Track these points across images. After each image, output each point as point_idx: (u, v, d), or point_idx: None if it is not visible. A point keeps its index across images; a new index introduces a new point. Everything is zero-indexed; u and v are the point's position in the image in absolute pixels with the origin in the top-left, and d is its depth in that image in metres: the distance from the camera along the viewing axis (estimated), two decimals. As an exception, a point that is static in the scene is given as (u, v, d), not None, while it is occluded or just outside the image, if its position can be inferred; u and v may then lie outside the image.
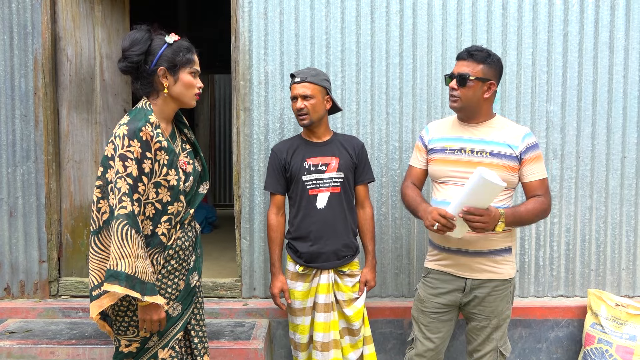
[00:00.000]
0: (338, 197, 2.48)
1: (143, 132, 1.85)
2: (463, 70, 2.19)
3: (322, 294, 2.49)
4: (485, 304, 2.26)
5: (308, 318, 2.53)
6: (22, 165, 3.11)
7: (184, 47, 1.95)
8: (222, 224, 6.18)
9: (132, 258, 1.76)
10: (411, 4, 3.02)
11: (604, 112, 3.05)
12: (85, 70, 3.38)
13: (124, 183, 1.79)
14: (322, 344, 2.47)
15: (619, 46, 3.03)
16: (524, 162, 2.21)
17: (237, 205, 3.13)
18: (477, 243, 2.21)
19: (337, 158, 2.49)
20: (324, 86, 2.47)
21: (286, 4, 3.03)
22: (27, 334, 2.81)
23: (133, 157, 1.82)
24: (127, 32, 3.77)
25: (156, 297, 1.82)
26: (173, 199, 1.94)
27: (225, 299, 3.15)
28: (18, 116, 3.10)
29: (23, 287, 3.15)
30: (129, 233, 1.76)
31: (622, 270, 3.11)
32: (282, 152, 2.53)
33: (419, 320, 2.39)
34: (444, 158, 2.29)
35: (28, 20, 3.07)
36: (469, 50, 2.22)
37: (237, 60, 3.06)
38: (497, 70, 2.23)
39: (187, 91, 1.97)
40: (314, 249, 2.46)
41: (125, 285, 1.74)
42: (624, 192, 3.07)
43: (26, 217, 3.13)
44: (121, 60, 1.91)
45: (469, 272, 2.26)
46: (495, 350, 2.31)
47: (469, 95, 2.20)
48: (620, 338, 2.77)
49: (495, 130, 2.25)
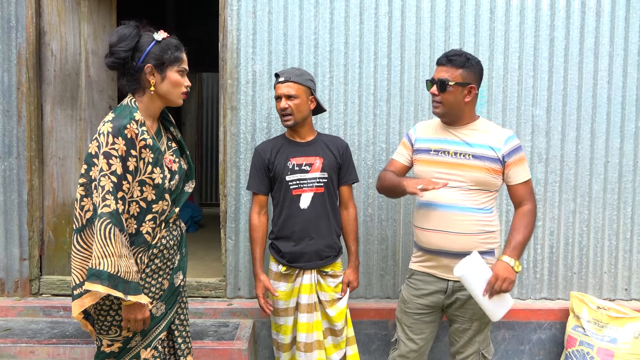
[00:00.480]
0: (321, 197, 2.48)
1: (128, 130, 1.82)
2: (442, 76, 2.21)
3: (304, 294, 2.48)
4: (468, 306, 2.27)
5: (291, 318, 2.52)
6: (3, 161, 3.06)
7: (172, 45, 1.93)
8: (208, 223, 6.14)
9: (115, 257, 1.73)
10: (400, 6, 3.03)
11: (588, 117, 3.09)
12: (70, 66, 3.34)
13: (108, 181, 1.77)
14: (305, 344, 2.47)
15: (604, 52, 3.07)
16: (508, 166, 2.23)
17: (222, 205, 3.11)
18: (456, 244, 2.22)
19: (321, 158, 2.49)
20: (308, 86, 2.46)
21: (275, 3, 3.02)
22: (6, 333, 2.76)
23: (117, 155, 1.79)
24: (114, 29, 3.74)
25: (140, 297, 1.80)
26: (158, 197, 1.92)
27: (210, 299, 3.13)
28: (0, 111, 3.04)
29: (3, 285, 3.10)
30: (112, 232, 1.73)
31: (604, 274, 3.15)
32: (266, 151, 2.52)
33: (403, 321, 2.40)
34: (428, 159, 2.31)
35: (12, 13, 3.02)
36: (447, 55, 2.24)
37: (225, 59, 3.04)
38: (477, 73, 2.25)
39: (174, 89, 1.95)
40: (297, 249, 2.46)
41: (107, 285, 1.72)
42: (607, 196, 3.11)
43: (7, 214, 3.07)
44: (108, 56, 1.88)
45: (451, 274, 2.26)
46: (477, 353, 2.33)
47: (450, 100, 2.21)
48: (601, 340, 2.80)
49: (478, 132, 2.27)
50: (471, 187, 2.22)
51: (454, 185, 2.23)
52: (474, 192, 2.23)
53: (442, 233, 2.23)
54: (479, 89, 2.27)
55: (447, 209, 2.23)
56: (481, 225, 2.23)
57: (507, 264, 2.14)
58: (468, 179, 2.21)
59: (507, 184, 2.28)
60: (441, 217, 2.23)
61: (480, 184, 2.22)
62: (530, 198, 2.26)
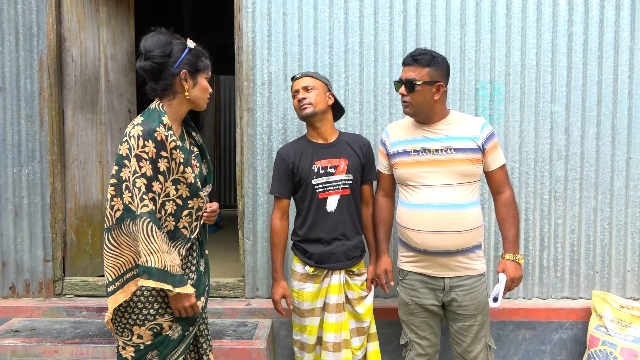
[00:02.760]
0: (347, 199, 2.46)
1: (157, 133, 1.88)
2: (410, 76, 2.21)
3: (333, 295, 2.47)
4: (468, 300, 2.27)
5: (317, 319, 2.50)
6: (27, 165, 3.13)
7: (203, 53, 2.02)
8: (227, 224, 6.19)
9: (160, 253, 1.83)
10: (414, 4, 3.02)
11: (608, 113, 3.03)
12: (90, 71, 3.40)
13: (142, 182, 1.84)
14: (333, 344, 2.45)
15: (624, 46, 3.01)
16: (487, 152, 2.27)
17: (240, 206, 3.13)
18: (454, 242, 2.23)
19: (345, 160, 2.46)
20: (325, 82, 2.47)
21: (289, 4, 3.03)
22: (31, 333, 2.83)
23: (147, 158, 1.86)
24: (132, 34, 3.81)
25: (186, 287, 1.89)
26: (192, 194, 1.99)
27: (229, 299, 3.16)
28: (23, 116, 3.12)
29: (28, 286, 3.18)
30: (153, 230, 1.82)
31: (627, 272, 3.09)
32: (289, 155, 2.47)
33: (410, 323, 2.40)
34: (409, 160, 2.29)
35: (34, 21, 3.10)
36: (412, 55, 2.24)
37: (241, 61, 3.07)
38: (444, 70, 2.25)
39: (203, 95, 2.04)
40: (326, 250, 2.44)
41: (157, 279, 1.81)
42: (629, 194, 3.05)
43: (31, 217, 3.15)
44: (142, 60, 1.94)
45: (446, 272, 2.28)
46: (485, 347, 2.33)
47: (420, 100, 2.22)
48: (624, 340, 2.75)
49: (454, 125, 2.27)
50: (458, 181, 2.23)
51: (441, 182, 2.23)
52: (461, 186, 2.24)
53: (439, 234, 2.22)
54: (447, 86, 2.28)
55: (441, 208, 2.22)
56: (474, 220, 2.25)
57: (514, 261, 2.27)
58: (453, 173, 2.22)
59: (485, 170, 2.31)
60: (436, 217, 2.22)
61: (466, 175, 2.23)
62: (507, 183, 2.34)
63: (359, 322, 2.53)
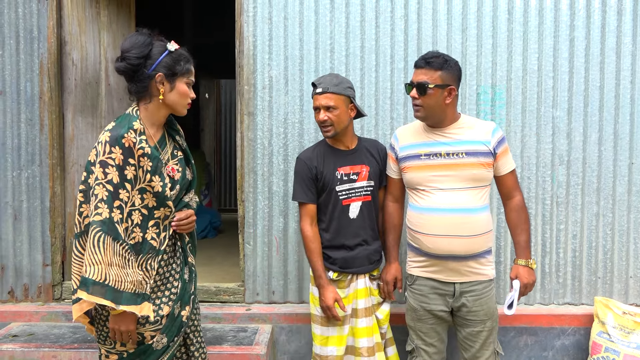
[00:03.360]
0: (369, 205, 2.45)
1: (125, 139, 1.82)
2: (421, 79, 2.20)
3: (362, 299, 2.44)
4: (477, 306, 2.26)
5: (346, 327, 2.44)
6: (27, 169, 3.12)
7: (184, 57, 1.95)
8: (227, 229, 6.16)
9: (103, 265, 1.73)
10: (416, 9, 3.02)
11: (610, 118, 3.02)
12: (91, 75, 3.40)
13: (102, 190, 1.78)
14: (367, 348, 2.41)
15: (626, 51, 3.00)
16: (498, 156, 2.26)
17: (240, 210, 3.12)
18: (465, 247, 2.22)
19: (367, 166, 2.44)
20: (348, 95, 2.37)
21: (291, 8, 3.03)
22: (29, 338, 2.81)
23: (114, 164, 1.80)
24: (132, 37, 3.79)
25: (134, 307, 1.78)
26: (159, 204, 1.91)
27: (229, 304, 3.14)
28: (23, 120, 3.11)
29: (27, 290, 3.16)
30: (102, 240, 1.74)
31: (630, 278, 3.07)
32: (312, 160, 2.42)
33: (417, 329, 2.38)
34: (420, 164, 2.28)
35: (34, 25, 3.09)
36: (425, 57, 2.23)
37: (242, 65, 3.06)
38: (456, 74, 2.24)
39: (181, 100, 1.96)
40: (350, 255, 2.42)
41: (91, 292, 1.71)
42: (632, 199, 3.04)
43: (30, 221, 3.13)
44: (119, 60, 1.90)
45: (457, 277, 2.27)
46: (494, 353, 2.32)
47: (431, 104, 2.20)
48: (627, 347, 2.73)
49: (465, 129, 2.26)
50: (469, 185, 2.22)
51: (452, 186, 2.22)
52: (472, 190, 2.23)
53: (450, 238, 2.21)
54: (458, 90, 2.27)
55: (452, 212, 2.21)
56: (485, 225, 2.25)
57: (527, 267, 2.27)
58: (465, 177, 2.22)
59: (496, 175, 2.31)
60: (448, 221, 2.21)
61: (477, 180, 2.23)
62: (518, 187, 2.34)
63: (380, 327, 2.51)
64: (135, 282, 1.80)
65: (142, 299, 1.82)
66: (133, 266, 1.82)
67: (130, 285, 1.79)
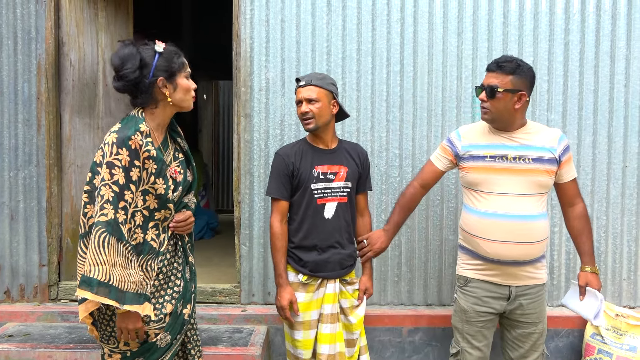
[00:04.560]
0: (345, 207, 2.43)
1: (132, 141, 1.83)
2: (492, 82, 2.19)
3: (328, 304, 2.42)
4: (531, 309, 2.28)
5: (313, 332, 2.42)
6: (24, 169, 3.13)
7: (174, 53, 1.94)
8: (224, 230, 6.17)
9: (108, 265, 1.74)
10: (412, 12, 3.04)
11: (605, 122, 3.05)
12: (88, 76, 3.41)
13: (109, 191, 1.78)
14: (328, 356, 2.39)
15: (620, 55, 3.03)
16: (562, 164, 2.26)
17: (236, 211, 3.13)
18: (524, 252, 2.23)
19: (345, 167, 2.42)
20: (330, 90, 2.36)
21: (288, 11, 3.05)
22: (25, 338, 2.82)
23: (121, 165, 1.81)
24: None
25: (137, 307, 1.79)
26: (160, 206, 1.92)
27: (224, 305, 3.15)
28: (21, 120, 3.12)
29: (23, 290, 3.16)
30: (107, 240, 1.75)
31: (623, 281, 3.09)
32: (290, 156, 2.39)
33: (465, 331, 2.36)
34: (485, 166, 2.26)
35: (32, 25, 3.10)
36: (497, 61, 2.22)
37: (239, 67, 3.08)
38: (528, 80, 2.21)
39: (186, 95, 1.97)
40: (321, 258, 2.39)
41: (96, 292, 1.73)
42: (625, 202, 3.06)
43: (27, 221, 3.14)
44: (116, 80, 1.88)
45: (513, 280, 2.27)
46: (542, 355, 2.34)
47: (500, 107, 2.19)
48: (620, 349, 2.74)
49: (532, 135, 2.26)
50: (531, 191, 2.22)
51: (514, 192, 2.21)
52: (534, 197, 2.23)
53: (511, 244, 2.21)
54: (529, 96, 2.24)
55: (514, 218, 2.20)
56: (544, 231, 2.27)
57: (594, 273, 2.34)
58: (529, 183, 2.21)
59: (558, 182, 2.30)
60: (509, 227, 2.20)
61: (540, 186, 2.23)
62: (579, 195, 2.35)
63: (350, 334, 2.48)
64: (137, 283, 1.82)
65: (143, 299, 1.84)
66: (135, 267, 1.83)
67: (133, 285, 1.80)
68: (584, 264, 2.34)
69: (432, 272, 3.10)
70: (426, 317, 3.01)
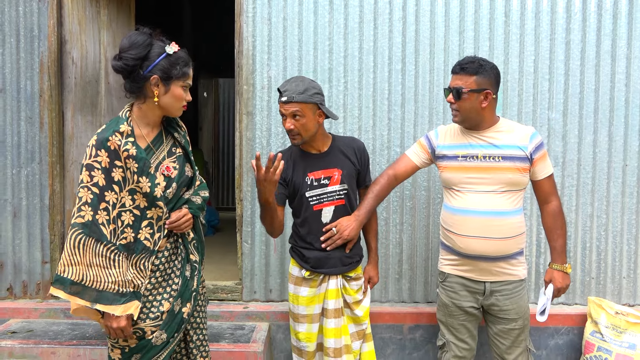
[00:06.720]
0: (343, 209, 2.42)
1: (110, 142, 1.84)
2: (457, 84, 2.24)
3: (331, 300, 2.43)
4: (508, 305, 2.30)
5: (315, 325, 2.45)
6: (26, 167, 3.14)
7: (182, 60, 1.92)
8: (225, 227, 6.19)
9: (82, 266, 1.79)
10: (414, 11, 3.04)
11: (605, 120, 3.06)
12: (91, 73, 3.41)
13: (87, 193, 1.81)
14: (334, 349, 2.42)
15: (621, 54, 3.04)
16: (535, 162, 2.27)
17: (238, 209, 3.14)
18: (496, 248, 2.26)
19: (339, 170, 2.39)
20: (315, 102, 2.27)
21: (290, 9, 3.05)
22: (28, 334, 2.83)
23: (100, 167, 1.82)
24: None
25: (114, 307, 1.81)
26: (149, 205, 1.92)
27: (226, 302, 3.17)
28: (23, 118, 3.13)
29: (26, 287, 3.18)
30: (82, 241, 1.79)
31: (623, 279, 3.11)
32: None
33: (449, 325, 2.43)
34: (456, 165, 2.32)
35: (35, 23, 3.11)
36: (460, 63, 2.26)
37: (241, 65, 3.08)
38: (493, 78, 2.25)
39: (175, 103, 1.95)
40: (323, 255, 2.40)
41: (69, 292, 1.78)
42: (625, 200, 3.08)
43: (30, 218, 3.15)
44: (116, 59, 1.89)
45: (488, 276, 2.31)
46: (525, 350, 2.36)
47: (467, 108, 2.24)
48: (619, 346, 2.76)
49: (503, 133, 2.29)
50: (503, 189, 2.25)
51: (487, 189, 2.25)
52: (507, 194, 2.26)
53: (482, 239, 2.25)
54: (496, 93, 2.28)
55: (485, 214, 2.25)
56: (517, 228, 2.28)
57: (562, 271, 2.33)
58: (500, 181, 2.25)
59: (533, 180, 2.33)
60: (480, 223, 2.25)
61: (512, 184, 2.26)
62: (555, 192, 2.36)
63: (358, 325, 2.50)
64: (120, 282, 1.83)
65: (128, 299, 1.85)
66: (121, 266, 1.85)
67: (113, 285, 1.82)
68: (552, 261, 2.36)
69: (433, 269, 3.11)
70: (427, 314, 3.02)
